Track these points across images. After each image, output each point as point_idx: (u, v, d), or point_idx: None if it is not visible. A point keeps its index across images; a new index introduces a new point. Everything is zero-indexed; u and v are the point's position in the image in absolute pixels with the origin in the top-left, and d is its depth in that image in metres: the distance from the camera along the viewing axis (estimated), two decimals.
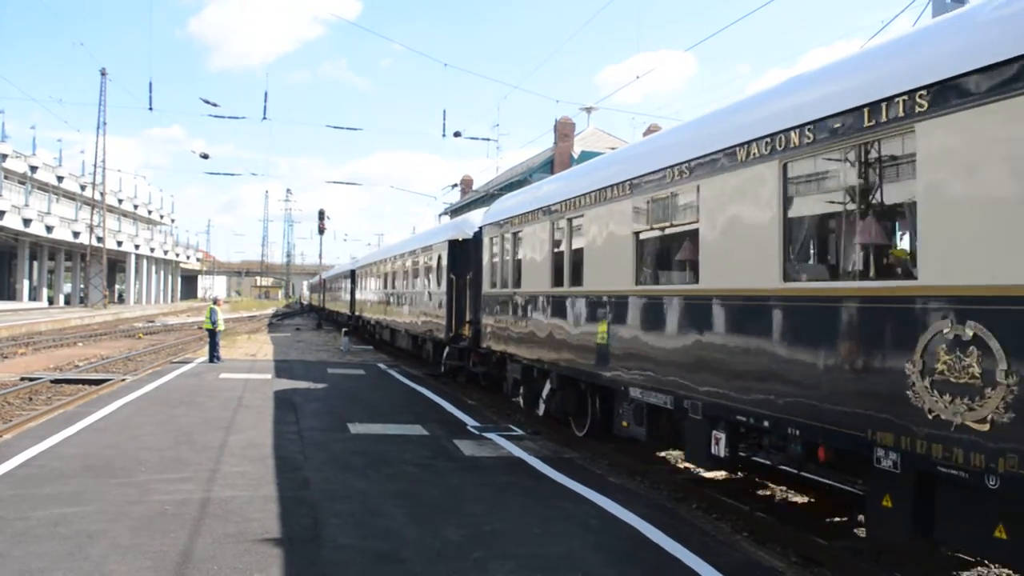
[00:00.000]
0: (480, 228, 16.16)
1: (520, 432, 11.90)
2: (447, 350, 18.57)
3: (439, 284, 19.21)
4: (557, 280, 11.44)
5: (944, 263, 4.99)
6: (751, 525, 7.64)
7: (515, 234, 13.30)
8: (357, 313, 38.23)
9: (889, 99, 5.41)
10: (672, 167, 8.32)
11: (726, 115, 7.96)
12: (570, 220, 10.99)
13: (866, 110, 5.60)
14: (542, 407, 12.15)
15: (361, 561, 5.87)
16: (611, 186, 9.74)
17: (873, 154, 5.83)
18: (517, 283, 13.11)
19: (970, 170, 4.86)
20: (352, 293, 40.27)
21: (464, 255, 17.70)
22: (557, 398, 11.54)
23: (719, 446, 7.48)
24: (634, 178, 9.16)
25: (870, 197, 6.01)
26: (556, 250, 11.56)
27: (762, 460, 8.49)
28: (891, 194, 5.94)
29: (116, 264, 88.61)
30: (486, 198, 35.64)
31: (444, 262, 18.68)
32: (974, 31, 5.02)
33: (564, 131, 40.48)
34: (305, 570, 5.63)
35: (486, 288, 14.92)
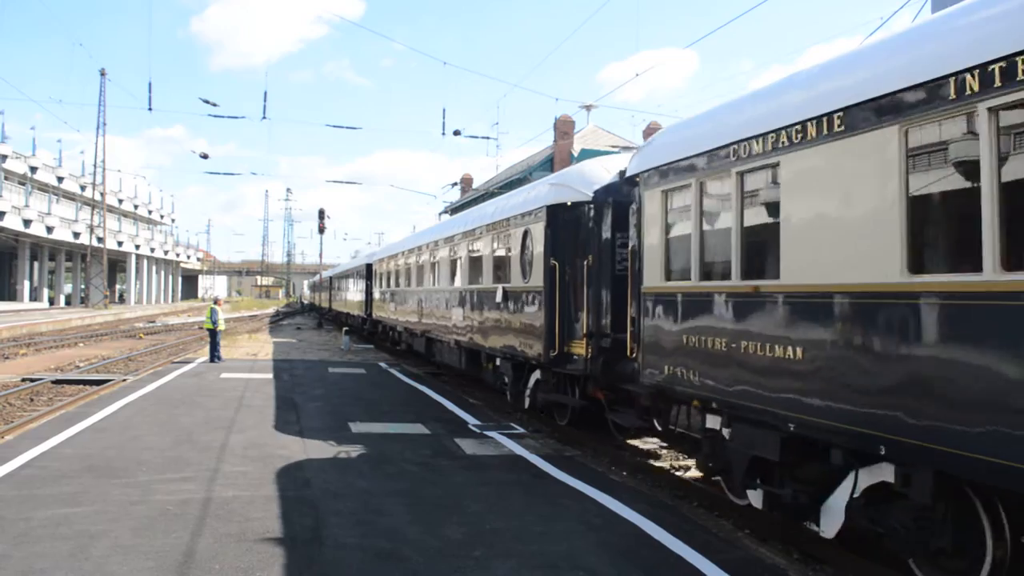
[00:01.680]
0: (626, 180, 10.01)
1: (521, 430, 11.89)
2: (537, 376, 12.90)
3: (526, 275, 12.85)
4: (963, 257, 5.03)
5: None
6: (753, 523, 7.64)
7: (744, 175, 7.05)
8: (375, 315, 31.42)
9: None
10: None
11: None
12: (995, 113, 4.79)
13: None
14: (831, 525, 6.48)
15: (362, 560, 5.87)
16: None
17: None
18: (761, 269, 6.89)
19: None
20: (368, 292, 33.10)
21: (574, 229, 11.53)
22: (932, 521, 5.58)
23: None
24: None
25: None
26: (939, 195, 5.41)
27: None
28: None
29: (116, 264, 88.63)
30: (485, 196, 35.59)
31: (539, 241, 12.25)
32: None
33: (564, 129, 40.45)
34: (307, 569, 5.63)
35: (653, 281, 8.68)
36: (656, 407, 9.11)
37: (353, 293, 39.34)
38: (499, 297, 14.06)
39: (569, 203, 11.58)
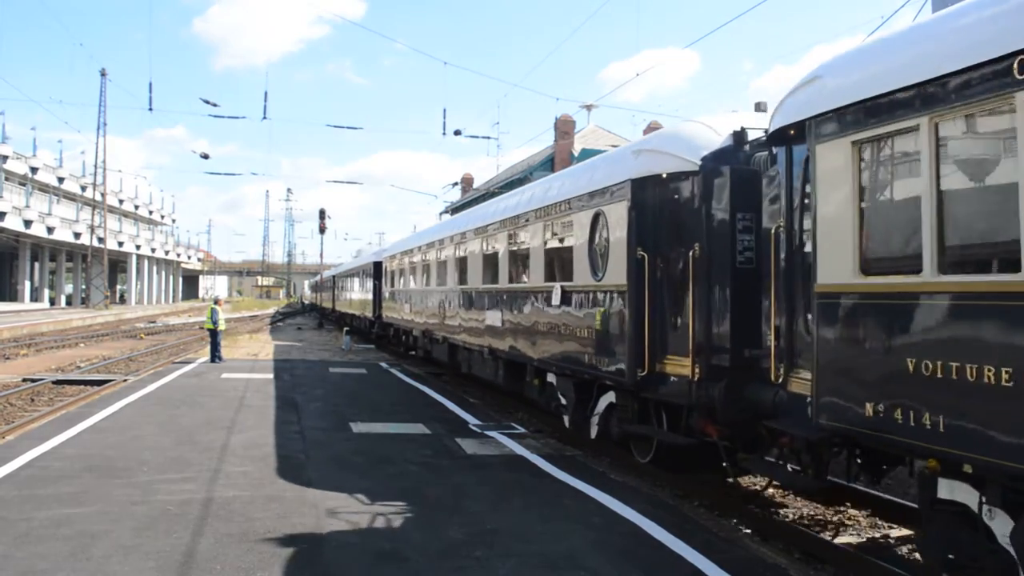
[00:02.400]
0: (771, 136, 7.26)
1: (522, 430, 11.90)
2: (611, 399, 9.98)
3: (597, 271, 9.97)
4: None
5: None
6: (754, 522, 7.64)
7: None
8: (386, 317, 28.51)
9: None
10: None
11: None
12: None
13: None
14: None
15: (363, 560, 5.87)
16: None
17: None
18: None
19: None
20: (376, 291, 30.60)
21: (671, 209, 8.86)
22: None
23: None
24: None
25: None
26: None
27: None
28: None
29: (117, 265, 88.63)
30: (486, 196, 35.55)
31: (619, 226, 9.40)
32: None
33: (564, 129, 40.47)
34: (307, 569, 5.64)
35: (837, 275, 6.03)
36: (826, 457, 6.51)
37: (359, 293, 36.58)
38: (556, 299, 11.20)
39: (665, 175, 8.83)
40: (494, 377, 14.74)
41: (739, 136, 8.41)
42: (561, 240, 11.53)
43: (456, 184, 49.92)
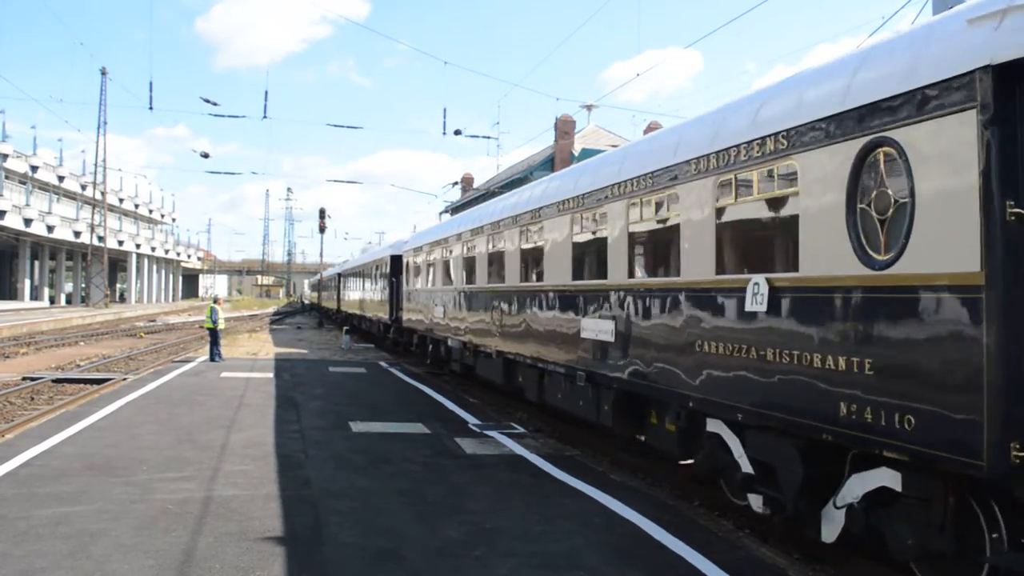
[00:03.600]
0: None
1: (522, 430, 11.89)
2: (877, 482, 5.67)
3: (878, 250, 5.38)
4: None
5: None
6: (753, 522, 7.63)
7: None
8: (406, 320, 24.01)
9: None
10: None
11: None
12: None
13: None
14: None
15: (362, 559, 5.87)
16: None
17: None
18: None
19: None
20: (394, 291, 26.67)
21: None
22: None
23: None
24: None
25: None
26: None
27: None
28: None
29: (117, 263, 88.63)
30: (486, 195, 35.52)
31: (955, 165, 4.73)
32: None
33: (564, 129, 40.48)
34: (306, 569, 5.63)
35: None
36: None
37: (372, 292, 32.11)
38: (755, 301, 6.60)
39: None
40: (594, 415, 10.17)
41: None
42: (760, 205, 6.93)
43: (456, 184, 49.89)
